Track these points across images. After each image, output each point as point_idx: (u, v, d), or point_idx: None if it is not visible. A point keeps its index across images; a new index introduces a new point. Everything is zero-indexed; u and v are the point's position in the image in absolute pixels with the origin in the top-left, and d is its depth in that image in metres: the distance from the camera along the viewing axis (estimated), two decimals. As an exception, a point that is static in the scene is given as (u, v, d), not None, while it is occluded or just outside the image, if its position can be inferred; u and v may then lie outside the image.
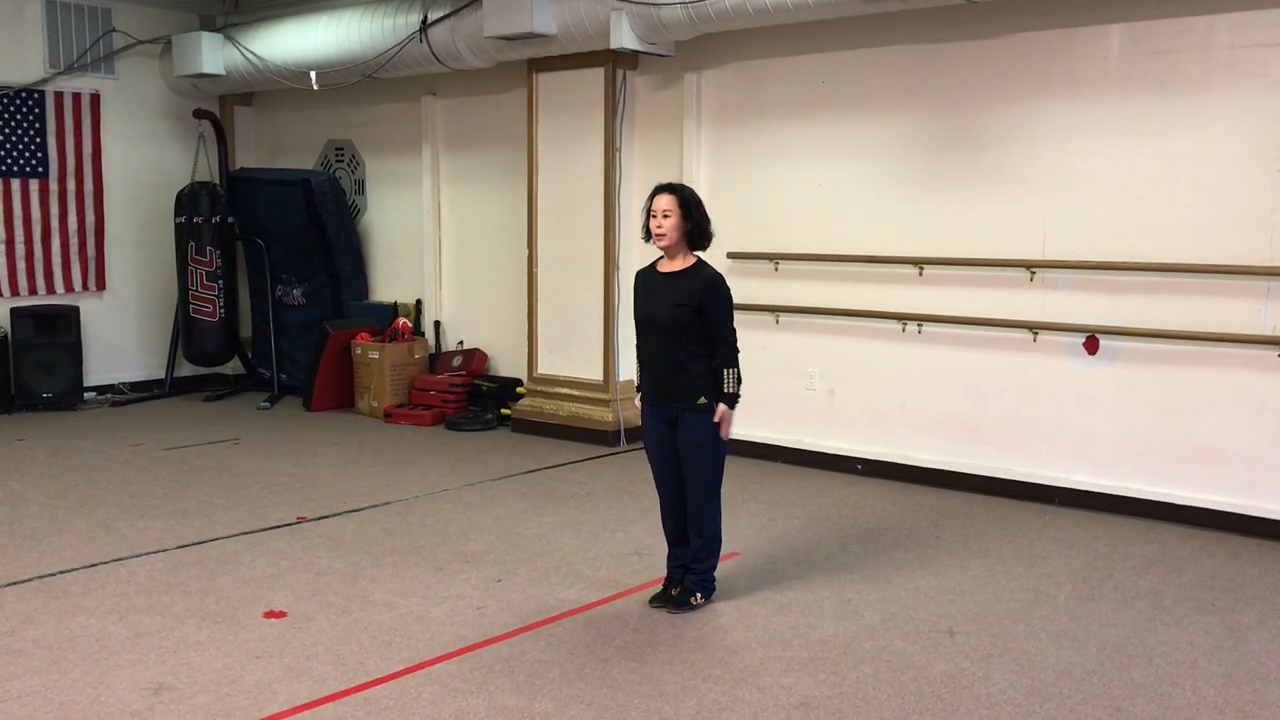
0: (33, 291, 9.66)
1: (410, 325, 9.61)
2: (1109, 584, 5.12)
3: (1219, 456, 5.98)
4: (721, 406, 4.57)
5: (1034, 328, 6.49)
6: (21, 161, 9.54)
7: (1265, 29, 5.71)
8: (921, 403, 6.98)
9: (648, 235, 4.70)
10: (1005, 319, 6.59)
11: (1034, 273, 6.48)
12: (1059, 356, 6.44)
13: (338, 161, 10.40)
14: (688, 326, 4.57)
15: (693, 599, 4.75)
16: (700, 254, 4.75)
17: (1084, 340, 6.34)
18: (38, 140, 9.61)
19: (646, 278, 4.79)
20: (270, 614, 4.69)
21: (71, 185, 9.84)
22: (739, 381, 4.61)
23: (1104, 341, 6.29)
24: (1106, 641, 4.43)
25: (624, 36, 7.40)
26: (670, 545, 4.88)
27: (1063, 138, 6.34)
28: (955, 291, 6.79)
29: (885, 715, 3.78)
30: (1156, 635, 4.51)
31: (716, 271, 4.70)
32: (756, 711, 3.79)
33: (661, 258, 4.77)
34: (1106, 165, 6.21)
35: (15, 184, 9.52)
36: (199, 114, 10.21)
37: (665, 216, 4.61)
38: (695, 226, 4.65)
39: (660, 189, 4.69)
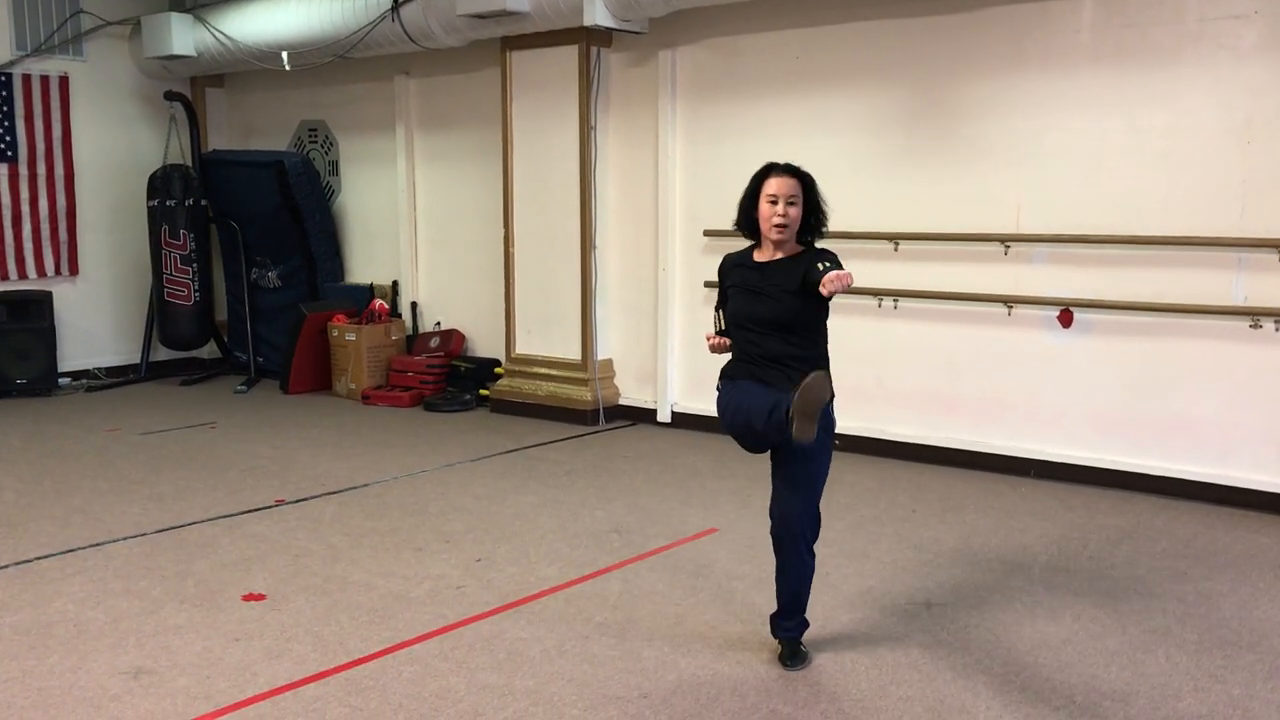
0: (4, 277, 9.57)
1: (387, 307, 9.57)
2: (1084, 554, 5.18)
3: (1192, 427, 6.04)
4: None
5: (1008, 301, 6.53)
6: (-10, 145, 9.45)
7: (1235, 1, 5.73)
8: (898, 377, 7.02)
9: (747, 225, 4.00)
10: (980, 293, 6.62)
11: (1008, 247, 6.51)
12: (1033, 330, 6.48)
13: (311, 142, 10.33)
14: (801, 313, 3.88)
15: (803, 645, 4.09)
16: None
17: (1058, 313, 6.38)
18: (6, 124, 9.51)
19: (747, 271, 3.98)
20: (249, 597, 4.68)
21: (42, 169, 9.74)
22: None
23: (1078, 314, 6.33)
24: (1081, 611, 4.48)
25: (597, 13, 7.37)
26: None
27: (1036, 111, 6.36)
28: (930, 266, 6.82)
29: (863, 686, 3.81)
30: (1130, 604, 4.56)
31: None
32: (736, 685, 3.82)
33: (754, 247, 4.06)
34: (1079, 139, 6.24)
35: (-16, 168, 9.44)
36: (170, 96, 10.12)
37: (791, 204, 3.86)
38: (817, 215, 3.96)
39: (776, 169, 3.95)
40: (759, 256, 4.01)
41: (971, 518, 5.76)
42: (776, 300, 3.88)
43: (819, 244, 4.02)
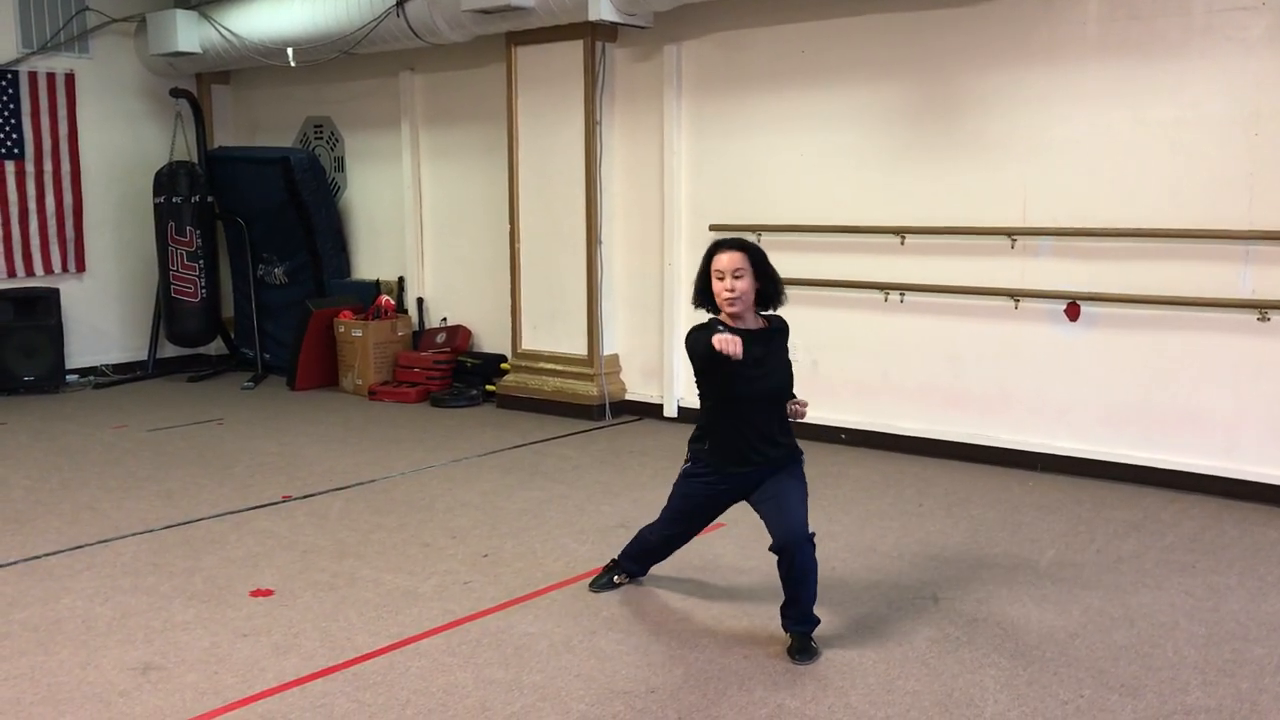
0: (11, 274, 9.59)
1: (393, 303, 9.58)
2: (1091, 548, 5.17)
3: (1200, 420, 6.02)
4: (804, 400, 4.22)
5: (1015, 295, 6.51)
6: (-3, 143, 9.48)
7: (1243, -8, 5.71)
8: (904, 371, 7.01)
9: (704, 299, 4.15)
10: (987, 287, 6.61)
11: (1015, 240, 6.50)
12: (1040, 323, 6.47)
13: (317, 139, 10.34)
14: (789, 389, 4.18)
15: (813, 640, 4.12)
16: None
17: (1065, 307, 6.37)
18: (13, 122, 9.52)
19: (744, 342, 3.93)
20: (257, 592, 4.69)
21: (49, 166, 9.76)
22: None
23: (1085, 307, 6.32)
24: (1089, 605, 4.47)
25: (602, 8, 7.37)
26: (640, 569, 4.66)
27: (1042, 105, 6.34)
28: (937, 260, 6.81)
29: (870, 681, 3.81)
30: (1138, 598, 4.55)
31: (777, 316, 4.27)
32: (743, 679, 3.82)
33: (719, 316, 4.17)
34: (1086, 131, 6.22)
35: (-9, 166, 9.46)
36: (176, 93, 10.13)
37: (737, 277, 4.00)
38: (770, 283, 4.11)
39: (722, 246, 4.09)
40: (744, 324, 4.13)
41: (978, 512, 5.75)
42: (780, 372, 4.15)
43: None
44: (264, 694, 3.75)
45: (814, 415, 7.21)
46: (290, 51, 9.02)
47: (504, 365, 8.85)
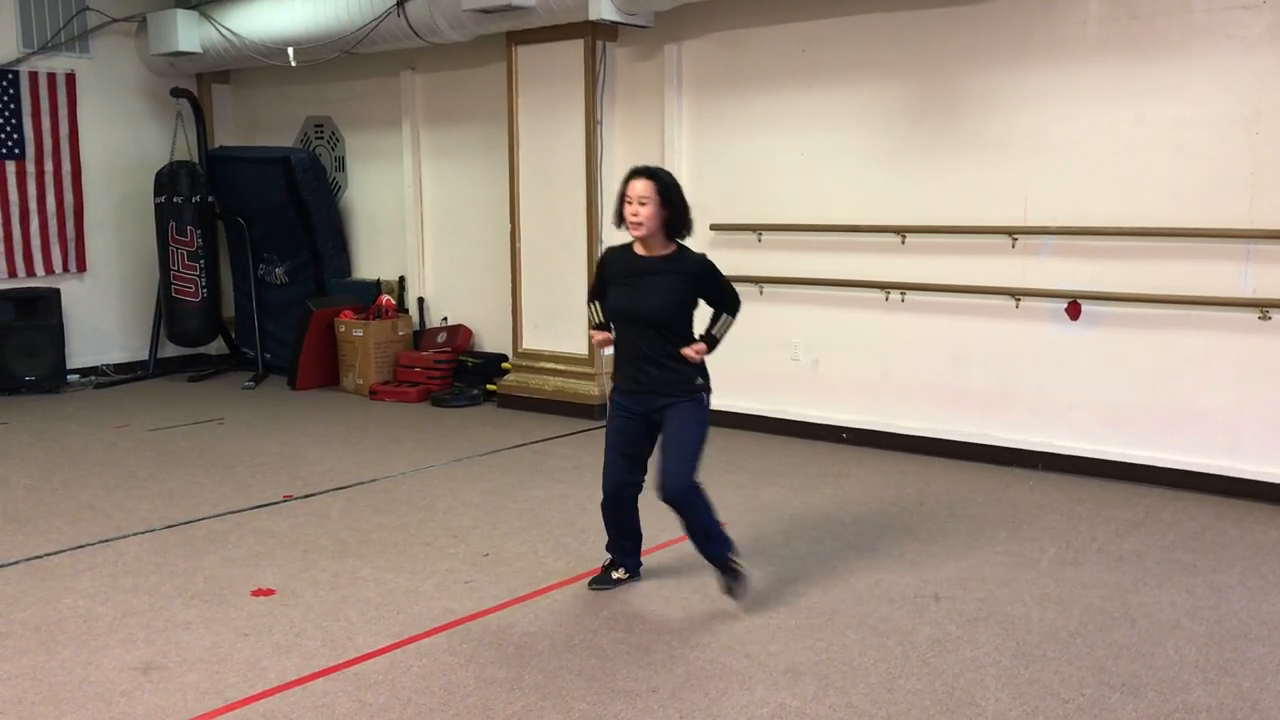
0: (12, 274, 9.59)
1: (394, 302, 9.58)
2: (1092, 547, 5.17)
3: (1201, 419, 6.02)
4: (703, 344, 4.37)
5: (1016, 294, 6.51)
6: (-3, 143, 9.48)
7: (1243, -9, 5.71)
8: (905, 371, 7.01)
9: (620, 220, 4.36)
10: (988, 286, 6.61)
11: (1016, 239, 6.50)
12: (1041, 322, 6.47)
13: (317, 139, 10.34)
14: (676, 321, 4.33)
15: (735, 562, 4.43)
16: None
17: (1066, 306, 6.37)
18: (14, 122, 9.52)
19: (623, 261, 4.41)
20: (258, 592, 4.69)
21: (49, 166, 9.76)
22: (726, 330, 4.47)
23: (1086, 306, 6.31)
24: (1090, 604, 4.47)
25: (603, 7, 7.36)
26: (615, 538, 4.71)
27: (1043, 104, 6.34)
28: (938, 259, 6.80)
29: (871, 680, 3.81)
30: (1139, 597, 4.55)
31: (699, 255, 4.44)
32: (744, 678, 3.82)
33: (634, 242, 4.44)
34: (1087, 130, 6.22)
35: (-8, 166, 9.47)
36: (176, 92, 10.13)
37: (642, 204, 4.25)
38: (675, 215, 4.31)
39: (636, 172, 4.32)
40: (639, 250, 4.40)
41: (979, 510, 5.75)
42: (655, 297, 4.31)
43: (694, 245, 4.48)
44: (265, 693, 3.75)
45: (815, 415, 7.35)
46: (291, 51, 9.02)
47: (505, 365, 8.85)
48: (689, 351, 4.35)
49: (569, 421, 8.00)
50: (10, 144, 9.52)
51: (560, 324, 8.33)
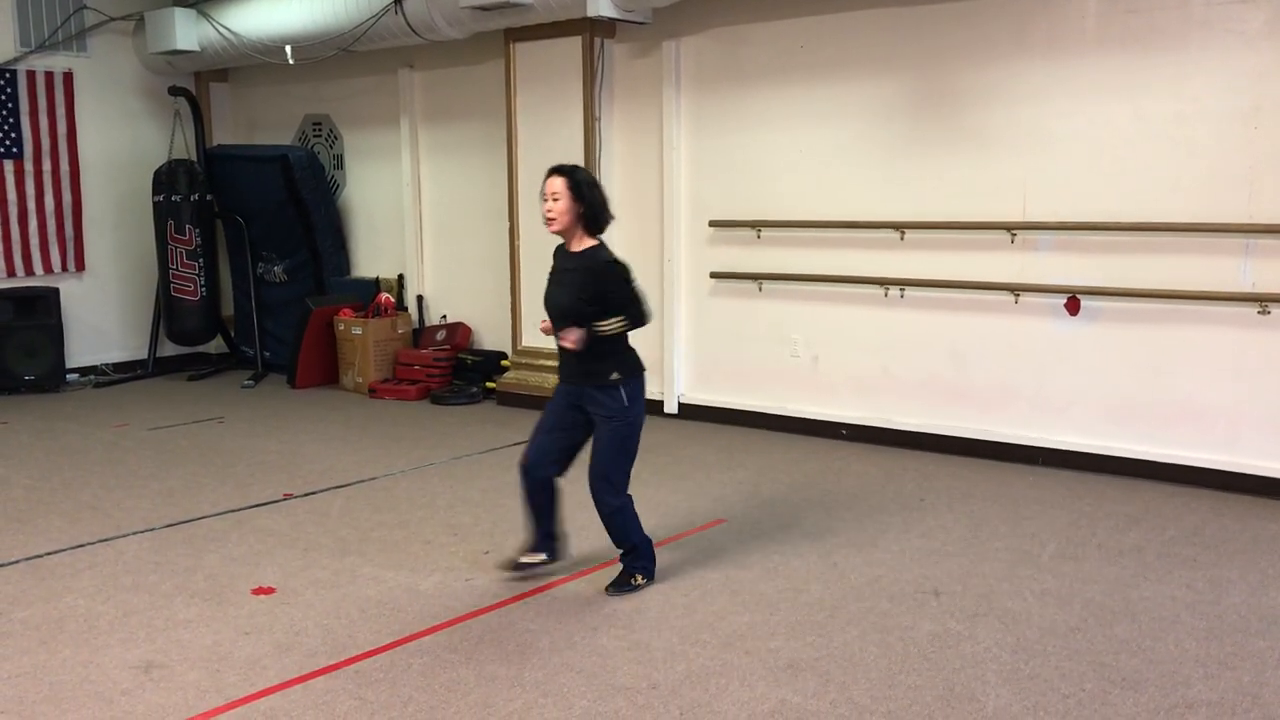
0: (11, 274, 9.59)
1: (393, 300, 9.58)
2: (1093, 542, 5.17)
3: (1201, 413, 6.02)
4: (579, 333, 4.37)
5: (1015, 290, 6.51)
6: (-5, 142, 9.48)
7: (1242, -14, 5.71)
8: (905, 366, 7.01)
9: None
10: (986, 281, 6.61)
11: (1014, 235, 6.49)
12: (1041, 318, 6.47)
13: (315, 136, 10.33)
14: (583, 316, 4.43)
15: (634, 579, 4.64)
16: (602, 237, 4.55)
17: (1065, 301, 6.37)
18: (11, 121, 9.52)
19: (557, 257, 4.62)
20: (259, 590, 4.69)
21: (47, 165, 9.76)
22: (613, 332, 4.45)
23: (1085, 302, 6.31)
24: (1090, 599, 4.47)
25: (601, 4, 7.37)
26: (528, 517, 4.77)
27: (1041, 99, 6.34)
28: (936, 255, 6.80)
29: (872, 676, 3.81)
30: (1139, 591, 4.55)
31: (609, 255, 4.52)
32: (745, 675, 3.82)
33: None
34: (1085, 126, 6.21)
35: (-10, 165, 9.46)
36: (174, 91, 10.12)
37: (555, 200, 4.43)
38: (589, 209, 4.45)
39: (551, 171, 4.49)
40: (568, 246, 4.57)
41: (979, 506, 5.76)
42: (562, 292, 4.50)
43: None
44: (266, 692, 3.75)
45: (814, 411, 7.35)
46: (289, 49, 9.02)
47: (504, 362, 8.85)
48: (565, 337, 4.41)
49: (569, 419, 7.99)
50: (8, 143, 9.51)
51: (559, 321, 8.32)
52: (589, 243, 4.53)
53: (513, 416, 8.16)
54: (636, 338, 8.43)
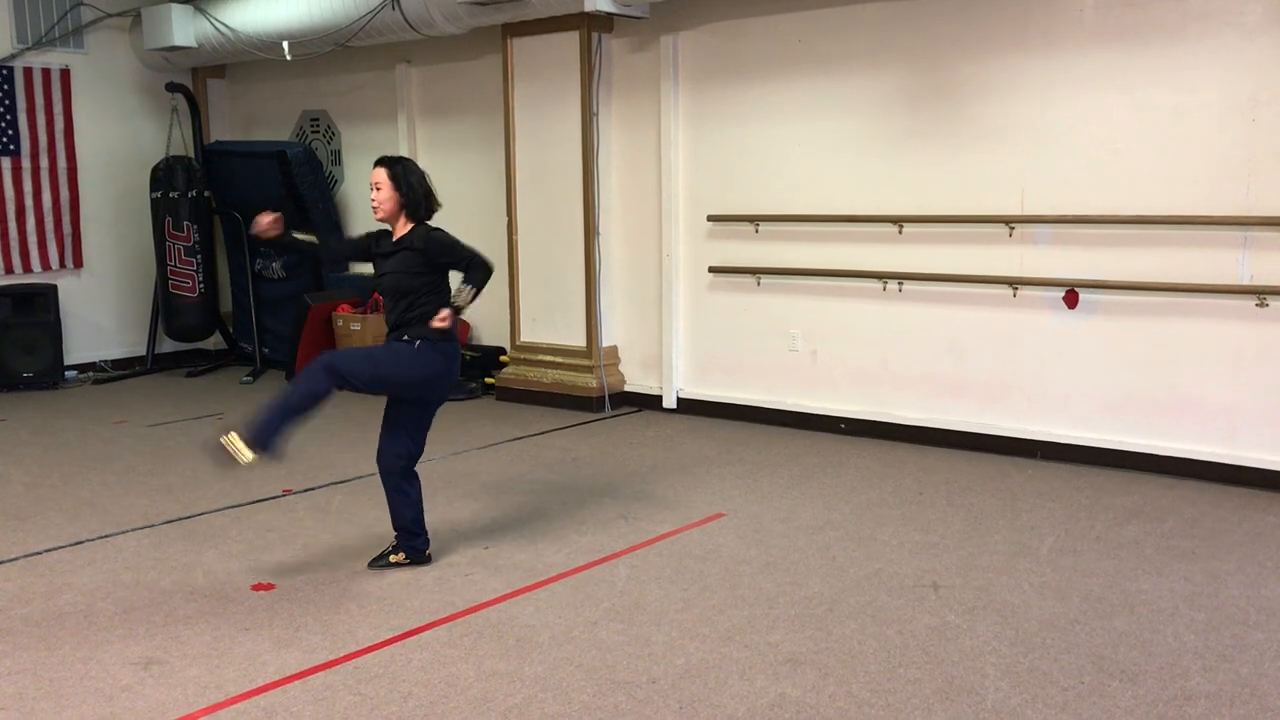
0: (9, 271, 9.58)
1: (391, 296, 9.55)
2: (1091, 535, 5.17)
3: (1199, 406, 6.02)
4: (446, 310, 4.57)
5: (1014, 283, 6.51)
6: (-7, 139, 9.46)
7: (1239, -22, 5.70)
8: (903, 360, 7.01)
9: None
10: (985, 275, 6.61)
11: (1013, 228, 6.49)
12: (1039, 311, 6.47)
13: (313, 132, 10.32)
14: (411, 290, 4.64)
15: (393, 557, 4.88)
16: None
17: (1063, 294, 6.37)
18: (8, 118, 9.50)
19: (384, 243, 4.81)
20: (258, 586, 4.69)
21: (45, 162, 9.74)
22: (473, 299, 4.68)
23: (1083, 295, 6.31)
24: (1089, 592, 4.48)
25: (599, -1, 7.35)
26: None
27: (1039, 92, 6.33)
28: (935, 249, 6.80)
29: (871, 669, 3.82)
30: (1138, 584, 4.56)
31: (427, 227, 4.73)
32: (744, 669, 3.83)
33: None
34: (1083, 119, 6.21)
35: (-13, 162, 9.45)
36: (172, 87, 10.11)
37: (377, 189, 4.68)
38: (408, 198, 4.68)
39: (376, 162, 4.73)
40: (394, 233, 4.78)
41: (978, 500, 5.76)
42: (394, 273, 4.67)
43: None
44: (266, 688, 3.76)
45: (813, 405, 7.36)
46: (286, 45, 9.00)
47: (503, 358, 8.85)
48: (435, 321, 4.55)
49: (567, 414, 8.00)
50: (5, 140, 9.50)
51: (558, 316, 8.33)
52: (409, 227, 4.74)
53: (511, 412, 8.17)
54: (637, 332, 8.50)
